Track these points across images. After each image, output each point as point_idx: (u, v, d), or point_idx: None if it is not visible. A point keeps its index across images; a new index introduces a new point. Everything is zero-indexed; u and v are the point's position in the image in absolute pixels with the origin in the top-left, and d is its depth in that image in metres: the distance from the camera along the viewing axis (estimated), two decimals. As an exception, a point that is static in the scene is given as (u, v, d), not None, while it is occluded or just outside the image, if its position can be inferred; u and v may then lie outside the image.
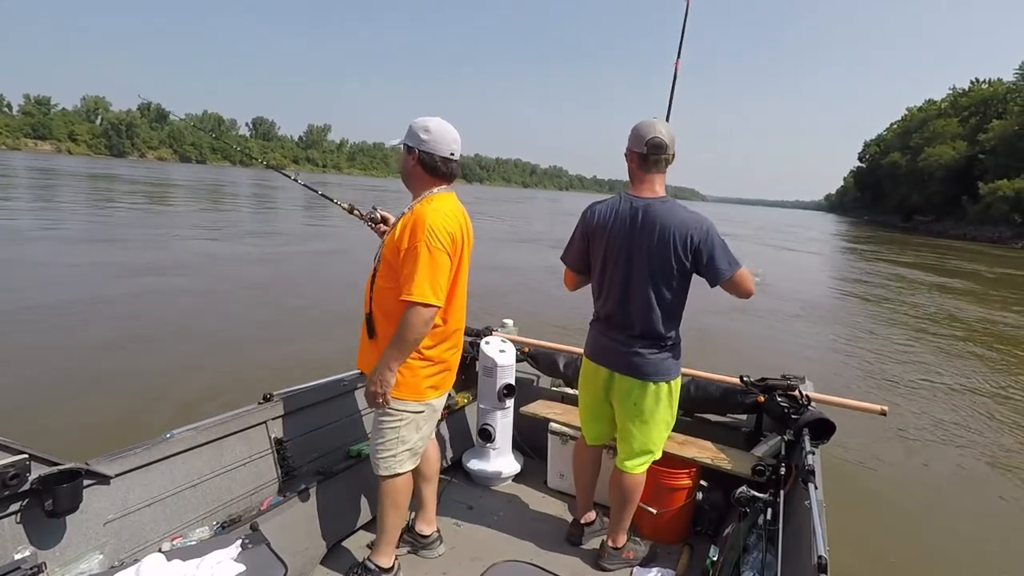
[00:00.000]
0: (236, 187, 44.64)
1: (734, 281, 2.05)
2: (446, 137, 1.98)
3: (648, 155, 2.07)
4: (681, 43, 2.74)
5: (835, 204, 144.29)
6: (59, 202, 22.19)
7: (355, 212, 2.45)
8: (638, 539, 2.45)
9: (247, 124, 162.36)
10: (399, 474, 2.08)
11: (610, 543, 2.38)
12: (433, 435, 2.27)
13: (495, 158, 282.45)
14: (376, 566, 2.14)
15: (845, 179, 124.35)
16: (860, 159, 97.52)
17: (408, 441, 2.06)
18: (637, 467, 2.25)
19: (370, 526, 2.52)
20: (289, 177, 2.90)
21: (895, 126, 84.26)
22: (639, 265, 2.09)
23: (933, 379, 7.05)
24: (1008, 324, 11.37)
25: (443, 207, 1.96)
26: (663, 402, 2.18)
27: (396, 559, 2.21)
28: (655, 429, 2.22)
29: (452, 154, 1.99)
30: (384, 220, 2.38)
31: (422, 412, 2.06)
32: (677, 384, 2.23)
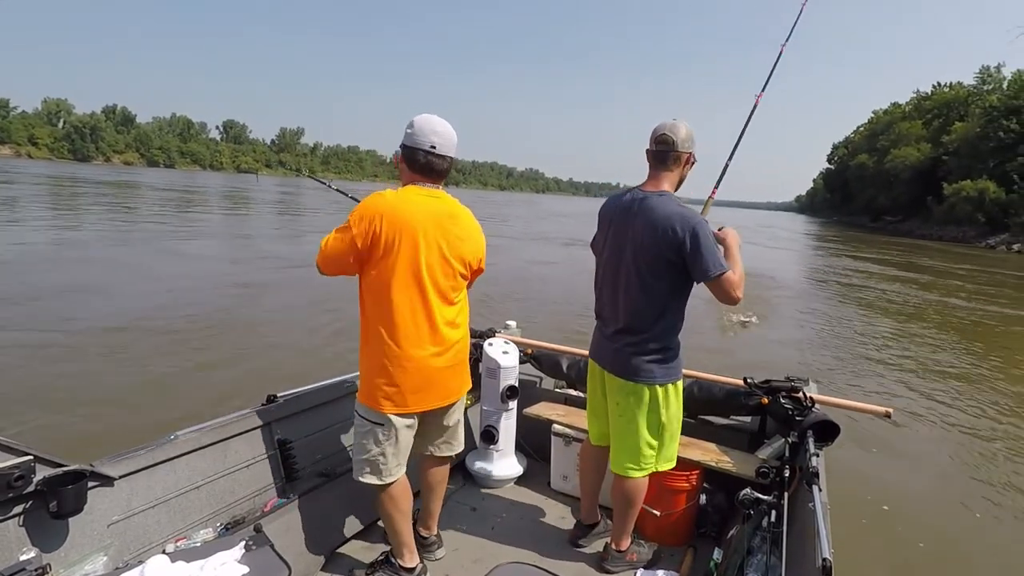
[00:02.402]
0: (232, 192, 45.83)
1: (719, 283, 1.97)
2: (424, 129, 1.91)
3: (656, 151, 2.09)
4: (768, 81, 2.76)
5: (805, 205, 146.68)
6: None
7: None
8: (642, 541, 2.44)
9: (217, 127, 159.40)
10: (366, 484, 2.02)
11: (613, 546, 2.36)
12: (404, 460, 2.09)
13: (471, 161, 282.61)
14: (399, 564, 2.11)
15: (815, 180, 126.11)
16: (829, 161, 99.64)
17: (367, 452, 1.98)
18: (628, 471, 2.20)
19: (374, 528, 2.50)
20: (325, 184, 2.91)
21: (862, 128, 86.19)
22: (628, 257, 2.08)
23: (933, 377, 7.11)
24: (964, 309, 11.92)
25: (393, 193, 1.90)
26: (645, 406, 2.11)
27: (422, 562, 2.17)
28: (639, 433, 2.15)
29: (433, 147, 1.90)
30: None
31: (381, 425, 1.96)
32: (668, 392, 2.13)
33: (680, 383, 2.18)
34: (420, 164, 1.93)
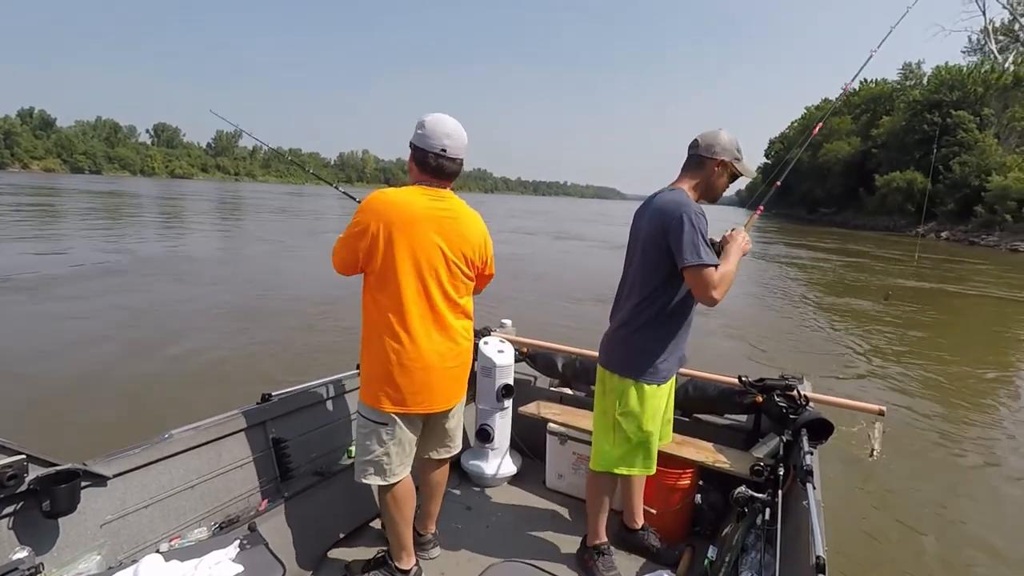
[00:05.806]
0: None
1: (694, 275, 1.86)
2: (437, 131, 1.89)
3: (687, 155, 2.11)
4: (825, 116, 2.99)
5: (745, 199, 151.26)
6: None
7: None
8: (612, 563, 2.29)
9: (148, 131, 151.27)
10: (369, 485, 2.01)
11: (586, 538, 2.34)
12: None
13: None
14: (395, 566, 2.11)
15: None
16: (766, 156, 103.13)
17: (370, 452, 1.97)
18: (591, 462, 2.21)
19: (368, 527, 2.51)
20: (333, 185, 2.93)
21: (796, 124, 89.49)
22: (637, 250, 2.08)
23: (921, 368, 7.13)
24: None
25: (395, 191, 1.90)
26: (609, 396, 2.09)
27: (417, 563, 2.17)
28: (597, 419, 2.16)
29: (444, 150, 1.89)
30: None
31: (384, 424, 1.95)
32: (628, 389, 2.04)
33: (648, 388, 2.05)
34: (431, 167, 1.92)
